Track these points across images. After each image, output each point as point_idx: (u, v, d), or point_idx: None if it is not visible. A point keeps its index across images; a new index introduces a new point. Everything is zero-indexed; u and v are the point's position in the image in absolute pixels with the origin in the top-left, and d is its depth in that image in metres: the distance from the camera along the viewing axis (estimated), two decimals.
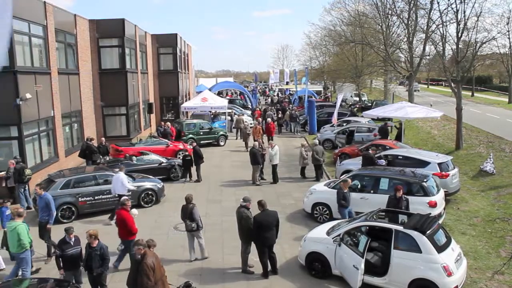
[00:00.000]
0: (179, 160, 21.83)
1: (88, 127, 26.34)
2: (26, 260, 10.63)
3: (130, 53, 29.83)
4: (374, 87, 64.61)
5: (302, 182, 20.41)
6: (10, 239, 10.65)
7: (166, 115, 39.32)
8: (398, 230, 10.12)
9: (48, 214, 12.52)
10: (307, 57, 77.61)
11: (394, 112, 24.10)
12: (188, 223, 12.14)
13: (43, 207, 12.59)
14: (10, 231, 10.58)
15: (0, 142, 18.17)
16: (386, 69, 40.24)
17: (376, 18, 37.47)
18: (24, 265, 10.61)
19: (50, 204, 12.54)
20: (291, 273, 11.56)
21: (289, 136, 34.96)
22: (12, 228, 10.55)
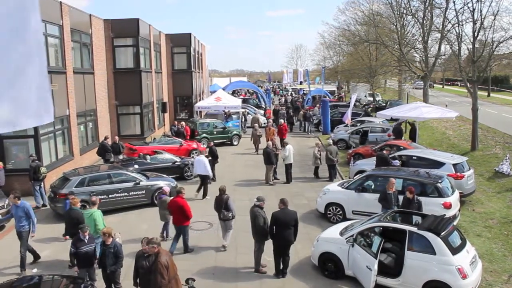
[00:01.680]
0: (192, 159, 21.89)
1: (103, 126, 26.57)
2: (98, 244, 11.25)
3: (144, 53, 30.02)
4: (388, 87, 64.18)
5: (316, 182, 20.36)
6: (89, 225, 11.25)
7: (180, 114, 39.50)
8: (412, 231, 10.04)
9: (29, 223, 11.95)
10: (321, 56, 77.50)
11: (408, 112, 23.90)
12: (225, 213, 12.70)
13: (21, 217, 11.88)
14: (87, 218, 11.56)
15: (17, 140, 18.42)
16: (401, 69, 39.92)
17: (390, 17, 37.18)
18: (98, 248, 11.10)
19: (29, 212, 11.95)
20: (304, 273, 11.54)
21: (302, 136, 34.89)
22: (88, 215, 11.61)
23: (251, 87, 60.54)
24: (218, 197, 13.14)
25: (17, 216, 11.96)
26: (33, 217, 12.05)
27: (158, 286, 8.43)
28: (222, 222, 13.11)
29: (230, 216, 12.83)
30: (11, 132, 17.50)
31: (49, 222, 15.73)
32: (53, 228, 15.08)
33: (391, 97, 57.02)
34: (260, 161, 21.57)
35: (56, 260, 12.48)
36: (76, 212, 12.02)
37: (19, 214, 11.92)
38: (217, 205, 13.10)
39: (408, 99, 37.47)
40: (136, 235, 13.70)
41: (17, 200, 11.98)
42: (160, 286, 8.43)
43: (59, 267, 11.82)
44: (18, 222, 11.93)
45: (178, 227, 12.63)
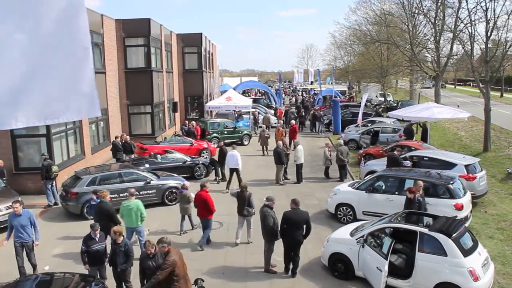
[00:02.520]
0: (203, 159, 21.96)
1: (114, 125, 26.72)
2: (143, 232, 12.46)
3: (155, 52, 30.14)
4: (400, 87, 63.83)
5: (326, 182, 20.31)
6: (128, 216, 12.18)
7: (191, 114, 39.61)
8: (423, 232, 9.97)
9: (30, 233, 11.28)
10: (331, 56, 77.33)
11: (420, 112, 23.74)
12: (249, 209, 12.99)
13: (25, 226, 11.18)
14: (128, 209, 12.11)
15: (29, 139, 18.59)
16: (412, 69, 39.68)
17: (402, 17, 36.99)
18: (142, 236, 12.36)
19: (33, 219, 11.37)
20: (313, 273, 11.51)
21: (313, 136, 34.82)
22: (131, 206, 12.11)
23: (261, 87, 60.55)
24: (240, 194, 13.33)
25: (20, 225, 11.15)
26: (36, 224, 11.56)
27: (168, 285, 8.47)
28: (242, 218, 13.31)
29: (253, 213, 13.13)
30: (24, 131, 17.72)
31: (60, 220, 15.86)
32: (64, 226, 15.21)
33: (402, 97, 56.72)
34: (271, 161, 21.56)
35: (67, 258, 12.57)
36: (106, 204, 12.30)
37: (23, 222, 11.18)
38: (239, 202, 13.27)
39: (419, 99, 37.21)
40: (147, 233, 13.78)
41: (20, 207, 11.28)
42: (170, 285, 8.45)
43: (70, 265, 11.90)
44: (21, 232, 11.18)
45: (202, 219, 13.29)
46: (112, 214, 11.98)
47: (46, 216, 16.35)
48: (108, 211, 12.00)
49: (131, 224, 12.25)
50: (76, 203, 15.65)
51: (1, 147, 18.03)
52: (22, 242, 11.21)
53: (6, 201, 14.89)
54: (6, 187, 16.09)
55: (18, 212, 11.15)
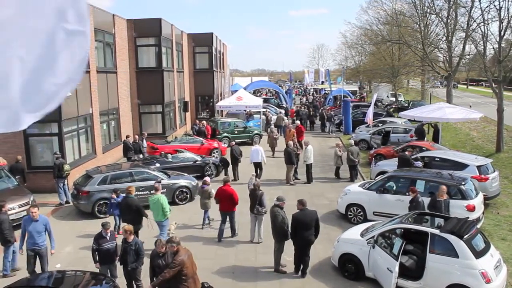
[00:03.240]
0: (213, 158, 22.00)
1: (125, 125, 26.86)
2: (165, 228, 12.89)
3: (166, 52, 30.25)
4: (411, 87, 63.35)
5: (336, 182, 20.24)
6: (154, 210, 12.70)
7: (201, 113, 39.69)
8: (434, 233, 9.90)
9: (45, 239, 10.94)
10: (342, 56, 76.87)
11: (431, 113, 23.57)
12: (259, 208, 13.09)
13: (40, 232, 10.81)
14: (154, 203, 12.63)
15: (42, 138, 18.76)
16: (424, 69, 39.41)
17: (414, 17, 36.70)
18: (164, 231, 12.77)
19: (49, 227, 11.03)
20: (323, 273, 11.49)
21: (324, 136, 34.73)
22: (155, 200, 12.63)
23: (272, 87, 60.52)
24: (252, 193, 13.45)
25: (36, 231, 10.75)
26: (52, 233, 11.15)
27: (177, 285, 8.50)
28: (253, 217, 13.41)
29: (264, 212, 13.20)
30: (36, 130, 17.87)
31: (72, 219, 15.98)
32: (76, 224, 15.34)
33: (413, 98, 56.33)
34: (281, 161, 21.55)
35: (78, 256, 12.66)
36: (133, 199, 12.92)
37: (39, 229, 10.77)
38: (252, 201, 13.37)
39: (431, 99, 36.94)
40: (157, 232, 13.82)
41: (38, 212, 10.87)
42: (178, 284, 8.48)
43: (81, 263, 11.98)
44: (36, 239, 10.76)
45: (226, 213, 13.75)
46: (139, 208, 12.63)
47: (57, 214, 16.48)
48: (135, 205, 12.64)
49: (155, 217, 12.83)
50: (88, 202, 15.77)
51: (14, 146, 18.22)
52: (36, 249, 10.82)
53: (19, 200, 15.08)
54: (19, 185, 16.24)
55: (35, 217, 10.76)
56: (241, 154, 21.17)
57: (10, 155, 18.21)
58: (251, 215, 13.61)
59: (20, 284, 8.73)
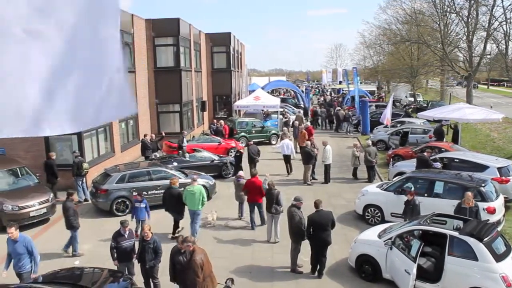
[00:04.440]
0: (231, 158, 22.05)
1: (143, 124, 27.07)
2: (199, 217, 13.65)
3: (184, 52, 30.39)
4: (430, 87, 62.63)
5: (354, 183, 20.12)
6: (191, 200, 13.35)
7: (219, 113, 39.81)
8: (453, 235, 9.77)
9: (30, 261, 9.85)
10: (360, 56, 76.44)
11: (451, 113, 23.29)
12: (277, 208, 13.15)
13: (20, 254, 9.73)
14: (192, 194, 13.31)
15: (61, 137, 18.98)
16: (443, 69, 38.95)
17: (433, 16, 36.31)
18: (198, 220, 13.60)
19: (31, 246, 9.85)
20: (340, 274, 11.44)
21: (341, 136, 34.56)
22: (194, 191, 13.35)
23: (290, 87, 60.40)
24: (268, 192, 13.49)
25: (15, 254, 9.75)
26: (36, 254, 9.94)
27: (193, 284, 8.54)
28: (270, 216, 13.48)
29: (281, 211, 13.23)
30: None
31: (90, 216, 16.17)
32: (94, 222, 15.51)
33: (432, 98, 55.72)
34: (298, 161, 21.51)
35: (97, 253, 12.79)
36: (176, 190, 13.78)
37: (18, 250, 9.71)
38: (268, 200, 13.39)
39: (450, 100, 36.50)
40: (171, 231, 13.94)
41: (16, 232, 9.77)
42: (195, 284, 8.52)
43: (99, 260, 12.10)
44: (17, 261, 9.79)
45: (254, 203, 14.45)
46: (181, 196, 13.56)
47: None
48: (178, 195, 13.59)
49: (193, 207, 13.44)
50: (106, 200, 15.93)
51: (35, 144, 18.50)
52: (18, 272, 9.85)
53: (39, 197, 15.33)
54: (39, 183, 16.48)
55: (13, 237, 9.71)
56: (258, 154, 21.12)
57: (31, 153, 18.55)
58: (267, 215, 13.60)
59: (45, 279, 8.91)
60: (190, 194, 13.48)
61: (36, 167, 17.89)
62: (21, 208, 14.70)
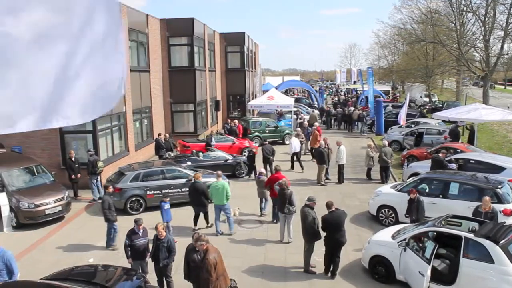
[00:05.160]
0: (244, 158, 22.06)
1: (157, 123, 27.22)
2: (229, 209, 14.20)
3: (198, 52, 30.49)
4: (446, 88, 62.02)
5: (368, 183, 20.01)
6: (216, 195, 13.94)
7: (233, 112, 39.88)
8: (468, 237, 9.65)
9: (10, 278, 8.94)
10: (375, 56, 76.09)
11: (467, 114, 23.03)
12: (290, 208, 13.12)
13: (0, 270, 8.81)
14: (217, 189, 13.88)
15: (77, 135, 19.18)
16: (459, 69, 38.57)
17: (449, 15, 35.96)
18: (229, 211, 14.19)
19: (11, 264, 8.98)
20: (353, 275, 11.38)
21: (355, 136, 34.40)
22: (219, 186, 13.92)
23: (304, 86, 60.28)
24: (281, 192, 13.44)
25: None
26: (16, 272, 9.07)
27: (206, 283, 8.56)
28: (283, 217, 13.42)
29: (294, 211, 13.19)
30: (72, 127, 18.27)
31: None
32: None
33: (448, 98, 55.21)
34: (312, 161, 21.45)
35: (111, 251, 12.90)
36: (200, 184, 14.26)
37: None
38: (281, 200, 13.36)
39: (466, 100, 36.11)
40: (188, 230, 14.00)
41: None
42: (208, 283, 8.54)
43: (113, 258, 12.20)
44: None
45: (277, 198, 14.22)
46: (205, 192, 14.08)
47: (91, 210, 16.84)
48: (202, 189, 14.08)
49: (218, 202, 13.98)
50: (120, 198, 16.03)
51: (50, 143, 18.71)
52: None
53: (55, 195, 15.50)
54: (55, 181, 16.66)
55: None
56: (273, 153, 21.13)
57: (47, 151, 18.77)
58: (280, 215, 13.58)
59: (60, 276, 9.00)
60: (215, 189, 14.04)
61: (51, 165, 18.12)
62: (37, 206, 14.89)
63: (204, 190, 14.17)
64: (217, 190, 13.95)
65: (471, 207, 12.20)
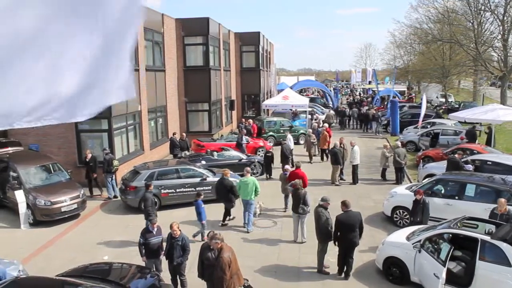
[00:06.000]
0: (259, 157, 22.07)
1: (172, 122, 27.36)
2: (253, 206, 14.65)
3: (213, 51, 30.58)
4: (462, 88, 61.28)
5: (382, 184, 19.88)
6: (244, 190, 14.39)
7: (247, 112, 39.91)
8: (485, 240, 9.53)
9: None
10: (391, 56, 75.40)
11: (484, 114, 22.72)
12: (304, 208, 13.15)
13: None
14: (246, 184, 14.35)
15: (93, 134, 19.37)
16: (477, 69, 38.12)
17: (467, 14, 35.57)
18: (252, 209, 14.55)
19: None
20: (367, 276, 11.31)
21: (370, 136, 34.21)
22: (247, 182, 14.39)
23: (319, 86, 60.09)
24: (296, 192, 13.46)
25: None
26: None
27: (220, 282, 8.57)
28: (296, 217, 13.42)
29: (308, 211, 13.22)
30: (87, 126, 18.47)
31: (119, 213, 16.42)
32: (123, 218, 15.74)
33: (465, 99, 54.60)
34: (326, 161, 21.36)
35: (125, 249, 13.00)
36: (228, 180, 14.82)
37: None
38: (295, 201, 13.37)
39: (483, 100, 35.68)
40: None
41: None
42: (222, 281, 8.55)
43: (127, 256, 12.29)
44: None
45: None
46: (233, 187, 14.63)
47: (106, 208, 16.99)
48: (229, 185, 14.65)
49: (246, 196, 14.40)
50: (135, 197, 16.13)
51: (67, 141, 18.93)
52: None
53: (70, 192, 15.68)
54: (70, 179, 16.84)
55: None
56: (291, 153, 21.14)
57: (63, 149, 18.99)
58: (293, 215, 13.56)
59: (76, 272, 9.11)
60: (244, 184, 14.45)
61: (67, 163, 18.32)
62: (53, 204, 15.07)
63: (232, 186, 14.72)
64: (247, 186, 14.39)
65: (488, 209, 12.04)
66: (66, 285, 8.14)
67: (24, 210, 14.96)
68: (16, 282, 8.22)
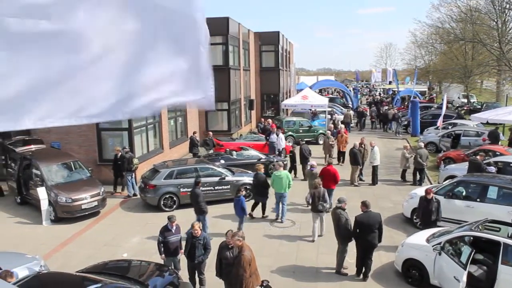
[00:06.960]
0: (278, 157, 22.03)
1: (192, 121, 27.48)
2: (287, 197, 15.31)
3: (233, 51, 30.62)
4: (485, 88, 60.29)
5: (402, 185, 19.67)
6: (278, 184, 15.05)
7: (267, 111, 39.89)
8: (508, 243, 9.36)
9: None
10: (411, 56, 74.51)
11: (507, 115, 22.36)
12: (324, 205, 13.30)
13: None
14: (279, 178, 15.03)
15: (113, 132, 19.58)
16: (500, 68, 37.46)
17: (490, 13, 35.00)
18: (285, 201, 15.23)
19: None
20: (386, 278, 11.21)
21: (390, 137, 33.90)
22: (282, 175, 15.10)
23: (338, 86, 59.81)
24: (314, 191, 13.55)
25: None
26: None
27: (240, 280, 8.59)
28: (316, 215, 13.51)
29: (327, 207, 13.45)
30: (107, 125, 18.67)
31: (138, 211, 16.57)
32: (142, 216, 15.88)
33: (487, 99, 53.71)
34: (346, 161, 21.21)
35: (144, 247, 13.10)
36: (261, 175, 15.49)
37: None
38: (314, 199, 13.45)
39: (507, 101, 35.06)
40: (220, 228, 14.05)
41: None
42: (242, 279, 8.58)
43: (146, 253, 12.38)
44: None
45: (328, 189, 14.72)
46: (267, 183, 15.31)
47: (125, 206, 17.16)
48: (263, 181, 15.28)
49: (280, 190, 15.05)
50: (154, 195, 16.26)
51: (88, 139, 19.17)
52: None
53: (91, 190, 15.88)
54: (91, 177, 17.05)
55: None
56: (310, 153, 21.04)
57: (84, 147, 19.23)
58: (313, 215, 13.52)
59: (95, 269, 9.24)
60: (277, 178, 15.10)
61: (88, 161, 18.55)
62: (74, 201, 15.28)
63: (265, 181, 15.35)
64: (281, 180, 15.01)
65: (511, 212, 11.84)
66: (86, 281, 8.25)
67: (46, 207, 15.21)
68: (38, 277, 8.37)
